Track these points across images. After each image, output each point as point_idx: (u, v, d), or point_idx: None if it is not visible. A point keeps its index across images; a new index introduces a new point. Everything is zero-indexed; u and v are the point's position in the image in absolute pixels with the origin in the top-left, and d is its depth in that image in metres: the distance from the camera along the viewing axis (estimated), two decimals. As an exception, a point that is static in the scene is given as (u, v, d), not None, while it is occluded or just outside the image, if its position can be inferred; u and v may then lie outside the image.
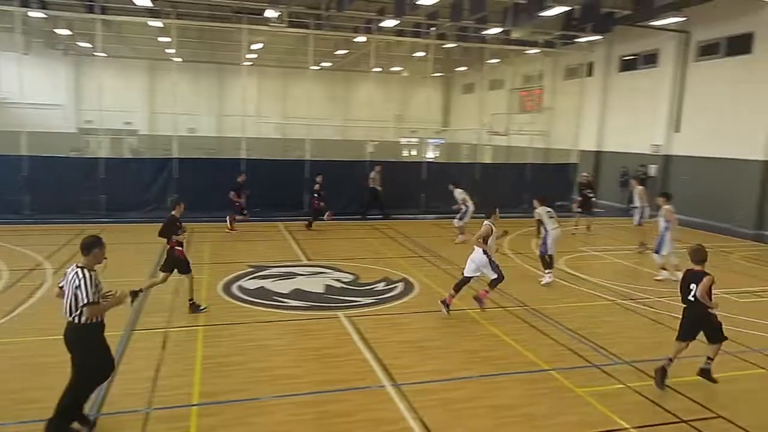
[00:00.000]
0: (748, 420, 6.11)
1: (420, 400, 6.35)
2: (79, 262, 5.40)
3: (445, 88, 45.15)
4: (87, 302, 5.19)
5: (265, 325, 8.83)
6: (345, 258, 13.45)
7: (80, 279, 5.21)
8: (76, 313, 5.23)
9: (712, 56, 21.14)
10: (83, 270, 5.28)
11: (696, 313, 6.83)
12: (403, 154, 41.93)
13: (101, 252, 5.45)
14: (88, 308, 5.21)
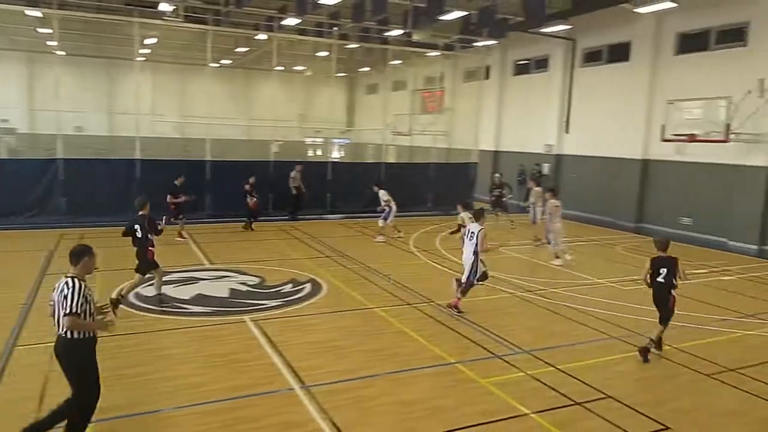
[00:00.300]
0: (633, 398, 6.63)
1: (329, 400, 6.34)
2: (68, 273, 5.11)
3: (349, 88, 45.36)
4: (68, 312, 4.89)
5: (166, 333, 8.44)
6: (250, 261, 13.13)
7: (69, 288, 4.95)
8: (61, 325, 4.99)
9: (595, 63, 22.74)
10: (73, 279, 5.02)
11: (662, 291, 7.97)
12: (308, 154, 41.65)
13: (91, 261, 5.24)
14: (68, 318, 4.90)
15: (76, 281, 5.02)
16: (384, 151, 25.02)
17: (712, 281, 12.54)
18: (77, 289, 4.96)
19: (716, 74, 17.58)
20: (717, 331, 9.23)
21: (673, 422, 6.10)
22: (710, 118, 16.58)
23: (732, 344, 8.69)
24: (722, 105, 16.26)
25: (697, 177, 18.27)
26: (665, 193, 19.47)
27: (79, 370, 5.12)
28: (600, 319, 9.61)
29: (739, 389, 7.00)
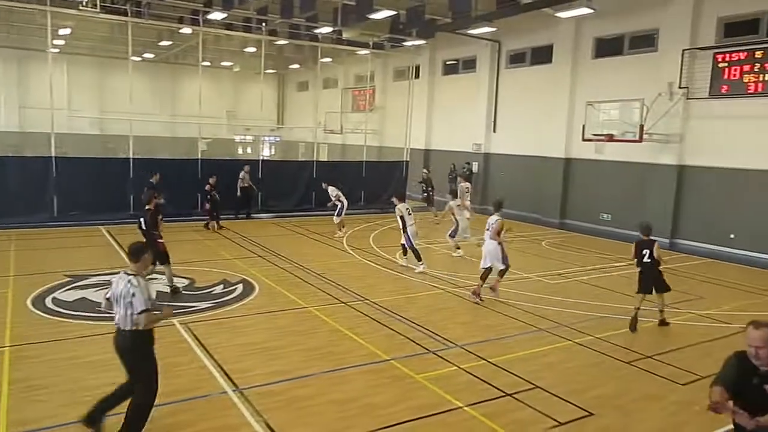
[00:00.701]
0: (560, 387, 6.91)
1: (264, 402, 6.22)
2: (128, 270, 5.25)
3: (279, 86, 44.73)
4: (143, 309, 5.04)
5: (87, 339, 8.00)
6: (178, 262, 12.61)
7: (135, 287, 5.08)
8: (130, 322, 5.09)
9: (520, 64, 23.52)
10: (136, 278, 5.16)
11: (650, 272, 9.16)
12: (238, 152, 40.76)
13: (149, 258, 5.42)
14: (145, 316, 5.06)
15: (139, 279, 5.17)
16: (316, 150, 24.85)
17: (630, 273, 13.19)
18: (143, 287, 5.12)
19: (630, 77, 18.60)
20: (635, 320, 9.75)
21: (597, 408, 6.40)
22: (626, 119, 17.56)
23: (649, 332, 9.21)
24: (636, 107, 17.25)
25: (615, 175, 19.27)
26: (586, 191, 20.42)
27: (146, 362, 5.29)
28: (528, 312, 9.95)
29: (655, 374, 7.44)
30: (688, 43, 16.84)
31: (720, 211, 16.43)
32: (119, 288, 5.15)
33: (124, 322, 5.14)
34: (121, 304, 5.11)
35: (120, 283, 5.18)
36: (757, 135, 15.65)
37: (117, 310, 5.17)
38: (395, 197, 13.40)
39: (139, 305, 5.04)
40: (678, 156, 17.45)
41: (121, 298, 5.11)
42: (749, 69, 15.50)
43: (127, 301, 5.06)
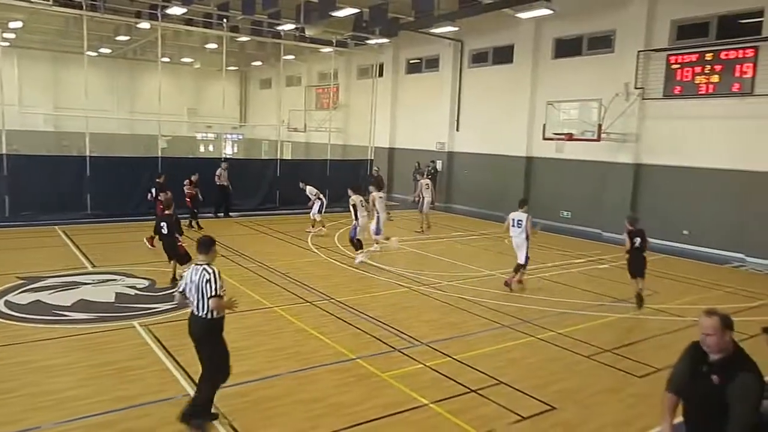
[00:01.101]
0: (523, 383, 7.05)
1: (230, 403, 6.15)
2: (198, 261, 5.68)
3: (242, 83, 44.12)
4: (213, 294, 5.42)
5: (44, 343, 7.76)
6: (138, 262, 12.42)
7: (210, 274, 5.51)
8: (206, 308, 5.50)
9: (482, 64, 23.81)
10: (209, 266, 5.59)
11: (640, 257, 10.38)
12: (200, 150, 40.06)
13: (216, 250, 5.83)
14: (214, 300, 5.43)
15: (213, 268, 5.59)
16: (279, 148, 24.63)
17: (589, 270, 13.62)
18: (217, 275, 5.53)
19: (589, 78, 19.06)
20: (594, 315, 10.01)
21: (559, 402, 6.56)
22: (585, 119, 17.99)
23: (607, 327, 9.47)
24: (594, 107, 17.70)
25: (575, 173, 19.71)
26: (547, 189, 20.82)
27: (218, 347, 5.69)
28: (491, 309, 10.10)
29: (614, 368, 7.66)
30: (643, 45, 17.35)
31: (674, 208, 17.00)
32: (195, 278, 5.55)
33: (199, 307, 5.56)
34: (196, 292, 5.52)
35: (195, 274, 5.59)
36: (708, 135, 16.25)
37: (192, 299, 5.60)
38: (350, 189, 13.83)
39: (212, 290, 5.45)
40: (634, 155, 17.97)
41: (196, 286, 5.53)
42: (700, 71, 16.08)
43: (203, 288, 5.48)
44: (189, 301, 5.70)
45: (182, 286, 5.75)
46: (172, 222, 10.64)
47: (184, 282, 5.75)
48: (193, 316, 5.67)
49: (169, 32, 26.59)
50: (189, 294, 5.66)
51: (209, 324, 5.60)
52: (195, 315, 5.64)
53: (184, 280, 5.75)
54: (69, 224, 16.39)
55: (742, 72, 15.16)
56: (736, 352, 3.80)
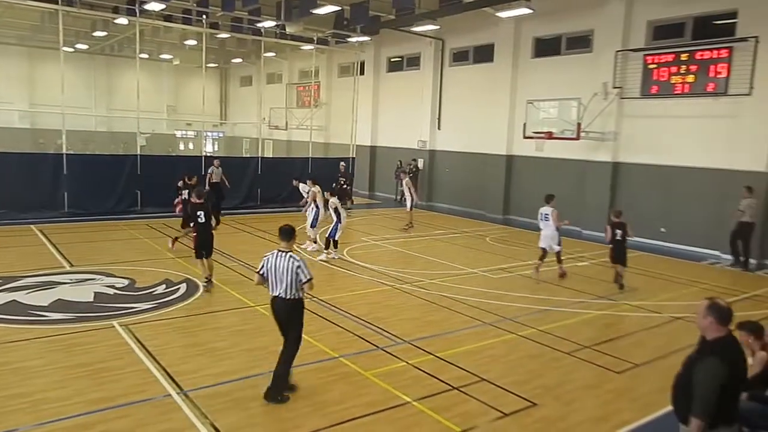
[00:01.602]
0: (504, 379, 7.11)
1: (211, 404, 6.11)
2: (281, 248, 6.23)
3: (222, 80, 43.74)
4: (309, 278, 6.13)
5: (19, 344, 7.63)
6: (117, 261, 12.27)
7: (299, 261, 6.12)
8: (295, 290, 6.14)
9: (463, 62, 23.91)
10: (296, 254, 6.18)
11: (621, 247, 11.53)
12: (179, 147, 39.65)
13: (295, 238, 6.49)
14: (310, 283, 6.16)
15: (299, 255, 6.23)
16: (261, 146, 24.48)
17: (569, 267, 13.71)
18: (305, 261, 6.16)
19: (568, 77, 19.24)
20: (574, 312, 10.13)
21: (539, 398, 6.63)
22: (564, 118, 18.17)
23: (587, 324, 9.59)
24: (574, 106, 17.89)
25: (555, 172, 19.88)
26: (528, 187, 20.97)
27: (300, 324, 6.40)
28: (473, 306, 10.16)
29: (594, 364, 7.76)
30: (620, 45, 17.57)
31: (651, 206, 17.25)
32: (280, 264, 6.12)
33: (287, 291, 6.15)
34: (285, 277, 6.11)
35: (279, 260, 6.15)
36: (684, 134, 16.52)
37: (276, 282, 6.16)
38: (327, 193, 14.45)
39: (306, 275, 6.13)
40: (613, 153, 18.20)
41: (285, 271, 6.10)
42: (676, 71, 16.33)
43: (294, 273, 6.08)
44: (268, 284, 6.29)
45: (262, 269, 6.31)
46: (208, 210, 10.51)
47: (264, 266, 6.29)
48: (279, 299, 6.23)
49: (148, 28, 26.25)
50: (271, 277, 6.20)
51: (296, 304, 6.29)
52: (281, 297, 6.21)
53: (265, 264, 6.28)
54: (46, 223, 16.12)
55: (717, 72, 15.43)
56: (719, 339, 4.02)
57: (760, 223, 14.66)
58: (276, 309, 6.36)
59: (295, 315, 6.35)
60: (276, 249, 6.33)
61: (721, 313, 4.01)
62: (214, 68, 41.42)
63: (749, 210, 14.15)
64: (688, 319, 9.69)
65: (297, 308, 6.34)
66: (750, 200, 14.19)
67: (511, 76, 21.24)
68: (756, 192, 14.29)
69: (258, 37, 24.40)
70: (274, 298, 6.30)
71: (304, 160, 23.25)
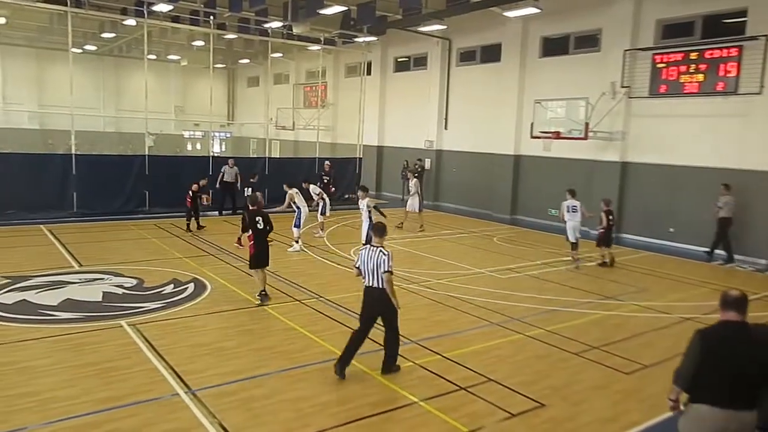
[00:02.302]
0: (512, 379, 7.08)
1: (218, 403, 6.13)
2: (374, 243, 7.00)
3: (230, 81, 43.89)
4: (387, 270, 6.77)
5: (28, 343, 7.67)
6: (125, 261, 12.32)
7: (386, 254, 6.82)
8: (382, 280, 6.80)
9: (470, 62, 23.86)
10: (385, 248, 6.91)
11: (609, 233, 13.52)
12: (187, 148, 39.82)
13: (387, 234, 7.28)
14: (388, 275, 6.78)
15: (388, 250, 6.88)
16: (268, 146, 24.53)
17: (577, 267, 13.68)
18: (391, 255, 6.85)
19: (576, 76, 19.16)
20: (582, 312, 10.08)
21: (547, 399, 6.60)
22: (572, 117, 18.08)
23: (595, 324, 9.54)
24: (582, 105, 17.78)
25: (562, 172, 19.79)
26: (535, 187, 20.91)
27: (394, 309, 6.96)
28: (480, 306, 10.13)
29: (602, 365, 7.72)
30: (629, 44, 17.47)
31: (660, 206, 17.14)
32: (372, 257, 6.82)
33: (377, 281, 6.83)
34: (374, 269, 6.80)
35: (371, 253, 6.86)
36: (693, 133, 16.40)
37: (368, 273, 6.87)
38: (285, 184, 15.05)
39: (386, 266, 6.75)
40: (621, 153, 18.10)
41: (375, 264, 6.79)
42: (685, 70, 16.22)
43: (380, 264, 6.74)
44: (363, 276, 6.96)
45: (358, 262, 7.01)
46: (267, 216, 9.94)
47: (360, 259, 6.98)
48: (371, 288, 6.92)
49: (156, 29, 26.38)
50: (364, 269, 6.90)
51: (383, 292, 6.85)
52: (372, 287, 6.91)
53: (360, 258, 6.97)
54: (55, 223, 16.23)
55: (727, 71, 15.31)
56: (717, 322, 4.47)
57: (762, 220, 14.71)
58: (368, 297, 7.00)
59: (386, 303, 6.94)
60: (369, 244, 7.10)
61: (722, 298, 4.41)
62: (221, 69, 41.56)
63: (727, 206, 14.82)
64: (698, 320, 9.64)
65: (386, 296, 6.90)
66: (728, 197, 14.85)
67: (518, 75, 21.17)
68: (732, 189, 14.91)
69: (265, 38, 24.45)
70: (367, 287, 6.96)
71: (311, 161, 23.28)
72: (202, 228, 16.41)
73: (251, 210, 9.86)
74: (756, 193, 14.96)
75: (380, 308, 6.96)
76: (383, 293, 6.86)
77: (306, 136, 30.46)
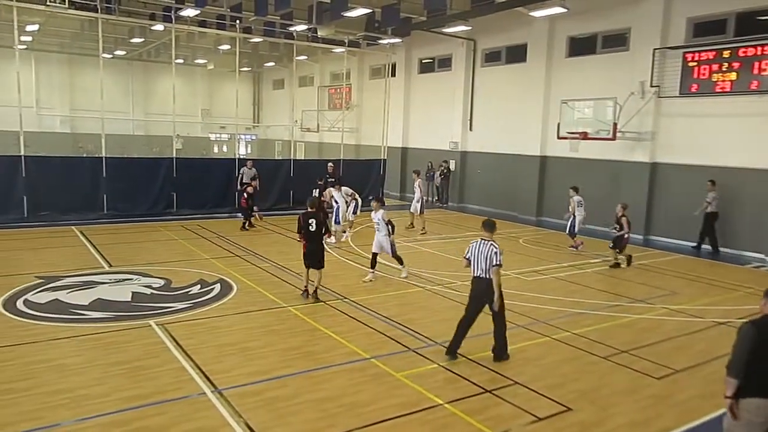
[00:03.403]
0: (538, 383, 6.99)
1: (243, 402, 6.17)
2: (484, 237, 7.50)
3: (255, 83, 44.34)
4: (498, 263, 7.33)
5: (60, 342, 7.84)
6: (154, 262, 12.52)
7: (497, 249, 7.36)
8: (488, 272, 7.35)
9: (495, 63, 23.69)
10: (494, 242, 7.45)
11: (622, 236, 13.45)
12: (213, 150, 40.33)
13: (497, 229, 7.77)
14: (497, 268, 7.35)
15: (497, 244, 7.44)
16: (293, 148, 24.69)
17: (605, 270, 13.47)
18: (501, 250, 7.39)
19: (604, 76, 18.89)
20: (610, 316, 9.91)
21: (575, 403, 6.49)
22: (599, 118, 17.82)
23: (624, 327, 9.35)
24: (609, 105, 17.53)
25: (589, 173, 19.51)
26: (562, 189, 20.58)
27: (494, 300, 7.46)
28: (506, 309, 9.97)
29: (631, 369, 7.57)
30: (658, 43, 17.15)
31: (691, 208, 16.72)
32: (483, 250, 7.36)
33: (485, 272, 7.35)
34: (484, 261, 7.33)
35: (482, 246, 7.40)
36: (726, 133, 16.03)
37: (478, 264, 7.39)
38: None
39: (497, 260, 7.30)
40: (650, 153, 17.77)
41: (485, 256, 7.32)
42: (717, 68, 15.85)
43: (491, 258, 7.28)
44: (472, 267, 7.46)
45: (468, 254, 7.53)
46: (321, 220, 10.18)
47: (469, 251, 7.52)
48: (479, 279, 7.44)
49: (183, 34, 26.80)
50: (475, 261, 7.40)
51: (491, 283, 7.36)
52: (481, 278, 7.42)
53: (470, 250, 7.52)
54: (86, 224, 16.58)
55: (761, 69, 14.92)
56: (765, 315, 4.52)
57: None
58: (475, 286, 7.54)
59: (490, 291, 7.40)
60: (479, 238, 7.55)
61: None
62: (247, 72, 42.01)
63: (714, 202, 15.75)
64: (732, 324, 9.39)
65: (491, 286, 7.37)
66: (713, 193, 15.73)
67: (544, 75, 20.95)
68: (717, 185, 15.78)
69: (290, 41, 24.65)
70: (477, 277, 7.47)
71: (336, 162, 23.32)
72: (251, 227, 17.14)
73: (307, 212, 10.19)
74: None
75: (481, 293, 7.47)
76: (491, 283, 7.35)
77: (330, 138, 30.58)
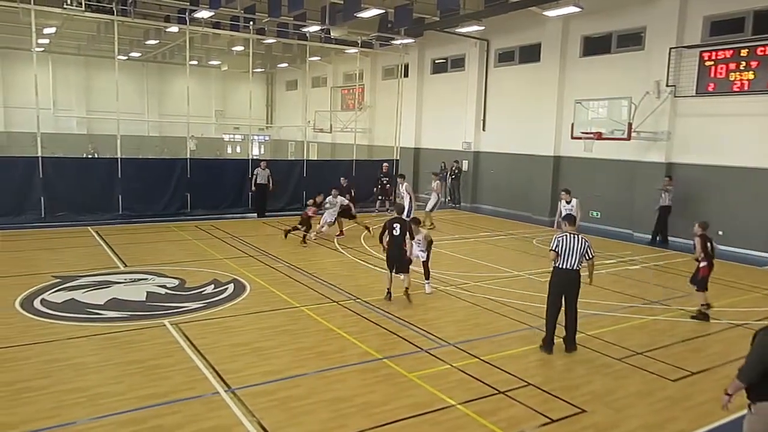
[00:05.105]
0: (552, 384, 6.95)
1: (257, 402, 6.20)
2: (571, 231, 7.91)
3: (268, 84, 44.54)
4: (593, 256, 7.94)
5: (77, 341, 7.93)
6: (168, 262, 12.62)
7: (587, 242, 7.84)
8: (579, 263, 7.80)
9: (508, 63, 23.58)
10: (583, 236, 7.89)
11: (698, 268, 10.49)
12: (227, 151, 40.59)
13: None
14: (593, 260, 8.00)
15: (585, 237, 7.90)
16: (306, 148, 24.77)
17: (620, 270, 13.35)
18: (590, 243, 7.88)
19: (618, 76, 18.72)
20: (625, 317, 9.82)
21: (588, 405, 6.44)
22: (614, 117, 17.65)
23: (639, 329, 9.27)
24: (624, 105, 17.35)
25: (604, 173, 19.38)
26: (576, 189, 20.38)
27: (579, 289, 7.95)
28: (519, 310, 9.98)
29: (646, 371, 7.49)
30: (674, 42, 16.97)
31: (707, 208, 16.52)
32: (574, 244, 7.76)
33: (576, 264, 7.77)
34: (577, 254, 7.74)
35: (573, 240, 7.78)
36: (743, 133, 15.82)
37: (568, 257, 7.74)
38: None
39: (592, 253, 7.89)
40: (666, 153, 17.59)
41: (577, 250, 7.74)
42: (735, 67, 15.66)
43: (585, 250, 7.77)
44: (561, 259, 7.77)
45: (556, 247, 7.80)
46: (406, 225, 10.23)
47: (558, 245, 7.79)
48: (567, 270, 7.80)
49: (197, 35, 27.00)
50: (566, 254, 7.74)
51: (579, 275, 7.86)
52: (569, 269, 7.79)
53: (559, 243, 7.80)
54: (101, 225, 16.75)
55: (779, 68, 14.73)
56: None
57: None
58: (565, 277, 7.84)
59: (577, 282, 7.87)
60: (565, 232, 7.91)
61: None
62: (260, 73, 42.21)
63: (667, 195, 16.76)
64: (749, 326, 9.27)
65: (579, 277, 7.86)
66: (671, 187, 16.81)
67: (558, 75, 20.82)
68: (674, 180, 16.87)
69: (303, 42, 24.73)
70: (565, 269, 7.80)
71: (349, 162, 23.39)
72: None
73: (393, 217, 10.55)
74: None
75: (573, 288, 7.88)
76: (578, 275, 7.84)
77: (343, 139, 30.63)
